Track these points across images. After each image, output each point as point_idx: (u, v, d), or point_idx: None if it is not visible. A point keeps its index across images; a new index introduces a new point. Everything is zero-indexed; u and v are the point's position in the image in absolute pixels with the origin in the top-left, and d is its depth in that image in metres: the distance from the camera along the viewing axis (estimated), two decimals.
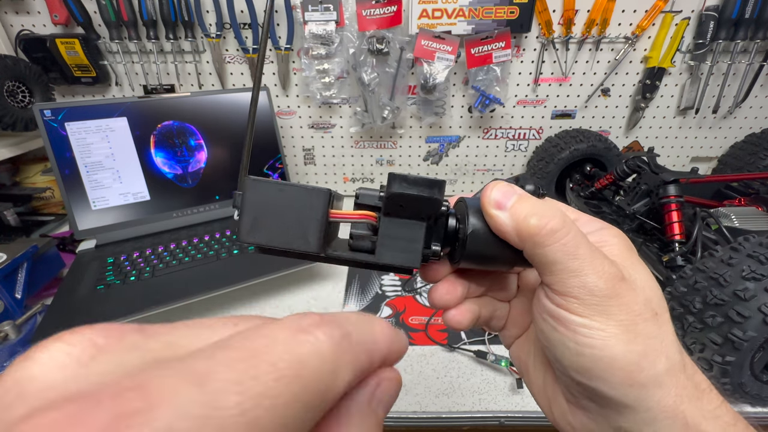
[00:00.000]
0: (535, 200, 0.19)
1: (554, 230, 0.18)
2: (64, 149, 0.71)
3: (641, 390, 0.18)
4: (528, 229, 0.18)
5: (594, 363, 0.18)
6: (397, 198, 0.19)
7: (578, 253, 0.18)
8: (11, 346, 0.54)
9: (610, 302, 0.18)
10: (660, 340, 0.18)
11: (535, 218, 0.18)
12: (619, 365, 0.18)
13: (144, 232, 0.76)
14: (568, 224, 0.18)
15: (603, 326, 0.18)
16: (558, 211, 0.19)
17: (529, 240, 0.19)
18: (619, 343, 0.17)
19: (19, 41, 0.81)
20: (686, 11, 0.81)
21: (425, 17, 0.79)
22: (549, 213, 0.18)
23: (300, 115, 0.93)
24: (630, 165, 0.71)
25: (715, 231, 0.59)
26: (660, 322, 0.19)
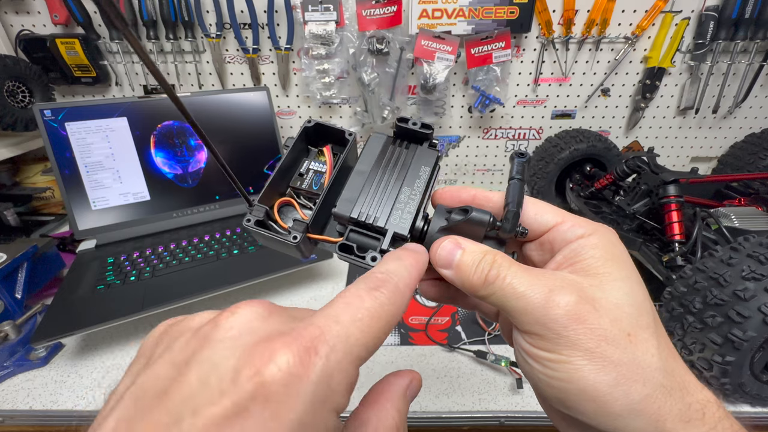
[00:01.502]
0: (477, 254, 0.20)
1: (490, 282, 0.19)
2: (64, 149, 0.71)
3: (617, 419, 0.17)
4: (471, 286, 0.20)
5: (565, 395, 0.18)
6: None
7: (518, 291, 0.18)
8: (11, 346, 0.54)
9: (569, 332, 0.17)
10: (634, 365, 0.17)
11: (475, 276, 0.20)
12: (589, 397, 0.17)
13: (144, 232, 0.76)
14: (502, 270, 0.19)
15: (569, 358, 0.17)
16: (494, 262, 0.19)
17: (476, 294, 0.20)
18: (587, 374, 0.17)
19: (19, 41, 0.81)
20: (686, 11, 0.81)
21: (425, 17, 0.79)
22: (486, 268, 0.19)
23: (300, 115, 0.93)
24: (630, 165, 0.71)
25: (715, 231, 0.59)
26: (635, 344, 0.17)
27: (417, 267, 0.19)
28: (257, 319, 0.15)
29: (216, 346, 0.13)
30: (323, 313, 0.15)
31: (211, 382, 0.12)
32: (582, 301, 0.18)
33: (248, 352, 0.13)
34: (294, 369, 0.13)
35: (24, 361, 0.53)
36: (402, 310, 0.17)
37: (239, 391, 0.12)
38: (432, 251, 0.22)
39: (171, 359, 0.14)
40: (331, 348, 0.14)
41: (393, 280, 0.17)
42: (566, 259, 0.20)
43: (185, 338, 0.15)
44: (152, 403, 0.12)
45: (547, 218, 0.22)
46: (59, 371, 0.53)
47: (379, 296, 0.16)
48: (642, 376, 0.17)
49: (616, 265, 0.19)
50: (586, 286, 0.18)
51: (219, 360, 0.13)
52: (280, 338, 0.13)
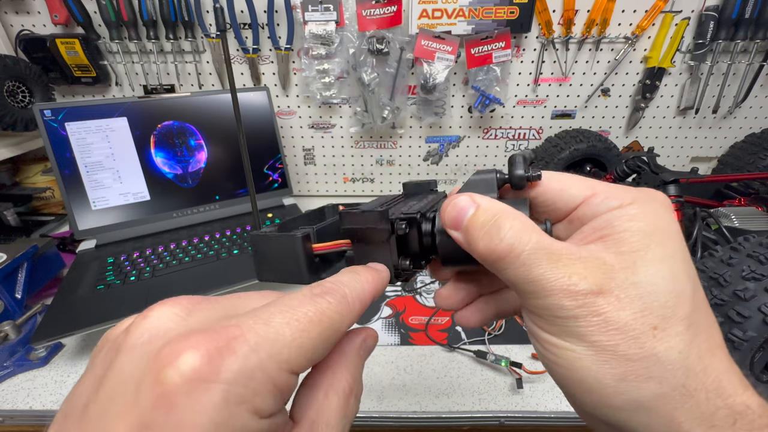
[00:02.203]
0: (491, 214, 0.17)
1: (501, 256, 0.16)
2: (64, 149, 0.71)
3: (620, 413, 0.15)
4: (479, 254, 0.17)
5: (565, 382, 0.17)
6: (348, 233, 0.22)
7: (532, 276, 0.16)
8: (11, 346, 0.54)
9: (579, 323, 0.15)
10: (651, 362, 0.15)
11: (483, 242, 0.17)
12: (588, 388, 0.16)
13: (144, 232, 0.76)
14: (519, 244, 0.16)
15: (572, 346, 0.16)
16: (510, 229, 0.16)
17: (484, 264, 0.18)
18: (591, 365, 0.15)
19: (19, 41, 0.81)
20: (686, 11, 0.81)
21: (425, 17, 0.79)
22: (498, 234, 0.16)
23: (300, 115, 0.93)
24: (630, 165, 0.71)
25: (715, 231, 0.59)
26: (660, 338, 0.15)
27: (372, 283, 0.18)
28: (172, 319, 0.14)
29: (125, 357, 0.13)
30: (254, 314, 0.14)
31: (118, 396, 0.12)
32: (603, 290, 0.15)
33: (153, 358, 0.12)
34: (199, 372, 0.12)
35: (24, 361, 0.53)
36: (347, 322, 0.16)
37: (143, 402, 0.11)
38: (442, 210, 0.19)
39: (93, 373, 0.13)
40: (252, 348, 0.13)
41: (341, 290, 0.16)
42: (595, 231, 0.17)
43: (105, 350, 0.14)
44: (75, 420, 0.12)
45: (574, 192, 0.19)
46: (59, 371, 0.53)
47: (321, 302, 0.15)
48: (659, 374, 0.15)
49: (657, 241, 0.16)
50: (617, 267, 0.16)
51: (127, 371, 0.12)
52: (189, 339, 0.12)
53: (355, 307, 0.17)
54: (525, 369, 0.50)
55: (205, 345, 0.12)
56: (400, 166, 1.00)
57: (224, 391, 0.12)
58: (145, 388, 0.12)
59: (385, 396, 0.49)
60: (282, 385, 0.13)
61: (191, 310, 0.15)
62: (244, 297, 0.17)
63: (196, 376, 0.12)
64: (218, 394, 0.12)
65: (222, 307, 0.16)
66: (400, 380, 0.51)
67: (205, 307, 0.15)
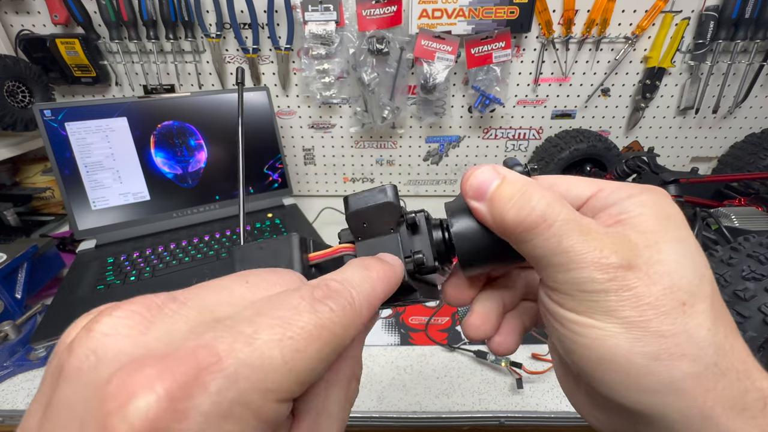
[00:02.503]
0: (519, 185, 0.17)
1: (532, 226, 0.16)
2: (64, 149, 0.71)
3: (654, 396, 0.14)
4: (504, 225, 0.17)
5: (593, 365, 0.15)
6: (355, 218, 0.19)
7: (563, 246, 0.15)
8: (11, 346, 0.54)
9: (609, 297, 0.15)
10: (683, 338, 0.14)
11: (512, 212, 0.16)
12: (621, 369, 0.15)
13: (144, 232, 0.76)
14: (551, 214, 0.16)
15: (601, 324, 0.15)
16: (541, 199, 0.16)
17: (509, 236, 0.17)
18: (622, 343, 0.15)
19: (19, 41, 0.81)
20: (686, 11, 0.81)
21: (425, 17, 0.79)
22: (529, 204, 0.16)
23: (300, 115, 0.93)
24: (630, 165, 0.71)
25: (715, 231, 0.59)
26: (689, 314, 0.15)
27: (384, 282, 0.16)
28: (127, 334, 0.11)
29: (68, 384, 0.10)
30: (235, 325, 0.11)
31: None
32: (633, 265, 0.15)
33: (99, 394, 0.09)
34: (155, 421, 0.09)
35: (24, 361, 0.53)
36: (352, 335, 0.14)
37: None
38: (464, 180, 0.18)
39: (42, 393, 0.11)
40: (229, 378, 0.10)
41: (348, 294, 0.14)
42: (610, 217, 0.17)
43: (51, 367, 0.11)
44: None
45: (580, 190, 0.19)
46: None
47: (322, 311, 0.13)
48: (692, 351, 0.14)
49: (672, 225, 0.16)
50: (641, 245, 0.15)
51: (70, 403, 0.10)
52: (144, 370, 0.09)
53: (362, 314, 0.14)
54: (525, 369, 0.50)
55: (165, 381, 0.09)
56: (400, 166, 1.00)
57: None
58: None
59: (385, 396, 0.49)
60: (269, 417, 0.11)
61: (152, 320, 0.11)
62: (217, 288, 0.14)
63: (152, 426, 0.09)
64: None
65: (196, 307, 0.12)
66: (400, 380, 0.51)
67: (172, 312, 0.12)
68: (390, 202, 0.19)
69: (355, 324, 0.14)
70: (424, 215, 0.20)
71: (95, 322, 0.11)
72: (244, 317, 0.12)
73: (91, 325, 0.11)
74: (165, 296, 0.12)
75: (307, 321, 0.12)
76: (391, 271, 0.17)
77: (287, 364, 0.11)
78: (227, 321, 0.12)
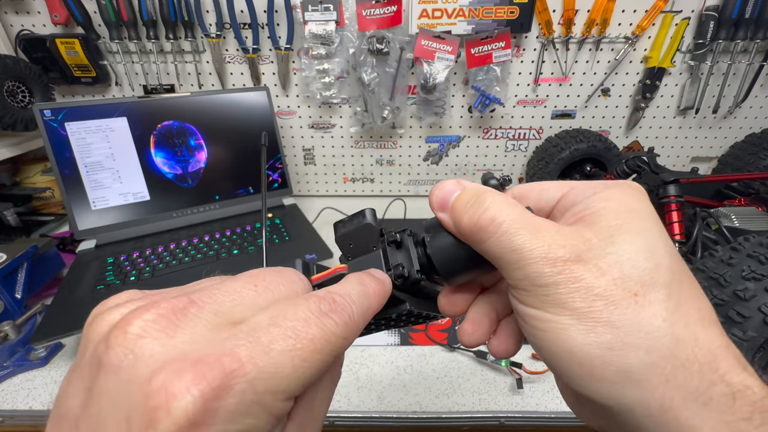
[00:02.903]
0: (474, 192, 0.18)
1: (484, 227, 0.17)
2: (64, 149, 0.71)
3: (612, 387, 0.15)
4: (462, 228, 0.18)
5: (555, 358, 0.16)
6: (343, 240, 0.22)
7: (514, 244, 0.16)
8: (11, 346, 0.54)
9: (559, 290, 0.15)
10: (635, 328, 0.14)
11: (466, 215, 0.18)
12: (577, 359, 0.15)
13: (144, 232, 0.76)
14: (500, 215, 0.17)
15: (556, 317, 0.15)
16: (492, 202, 0.17)
17: (468, 239, 0.18)
18: (575, 334, 0.15)
19: (19, 41, 0.81)
20: (686, 11, 0.81)
21: (425, 17, 0.79)
22: (481, 207, 0.17)
23: (300, 115, 0.93)
24: (630, 165, 0.71)
25: (715, 231, 0.59)
26: (641, 304, 0.15)
27: (377, 299, 0.18)
28: (157, 336, 0.12)
29: (111, 377, 0.12)
30: (253, 335, 0.13)
31: (109, 423, 0.11)
32: (582, 258, 0.15)
33: (142, 391, 0.11)
34: (195, 418, 0.11)
35: (24, 361, 0.53)
36: (348, 345, 0.15)
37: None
38: (431, 195, 0.20)
39: (81, 378, 0.13)
40: (250, 382, 0.12)
41: (349, 309, 0.15)
42: (573, 215, 0.18)
43: (89, 353, 0.13)
44: (67, 431, 0.12)
45: (551, 192, 0.20)
46: (59, 371, 0.53)
47: (328, 324, 0.14)
48: (646, 342, 0.14)
49: (633, 218, 0.16)
50: (594, 240, 0.16)
51: (114, 395, 0.12)
52: (182, 374, 0.11)
53: (359, 327, 0.16)
54: (525, 369, 0.50)
55: (199, 384, 0.11)
56: (400, 166, 1.00)
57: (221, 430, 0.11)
58: (136, 426, 0.11)
59: (385, 396, 0.49)
60: (278, 412, 0.13)
61: (177, 324, 0.13)
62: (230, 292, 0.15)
63: (190, 422, 0.11)
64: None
65: (213, 312, 0.14)
66: (400, 380, 0.51)
67: (193, 316, 0.13)
68: (367, 223, 0.21)
69: (352, 336, 0.15)
70: (407, 233, 0.22)
71: (128, 323, 0.13)
72: (260, 325, 0.13)
73: (125, 326, 0.13)
74: (185, 300, 0.14)
75: (314, 333, 0.14)
76: (382, 288, 0.18)
77: (296, 371, 0.13)
78: (244, 326, 0.13)
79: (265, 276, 0.16)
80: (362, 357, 0.54)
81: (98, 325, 0.14)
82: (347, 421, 0.48)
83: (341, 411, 0.47)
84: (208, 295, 0.14)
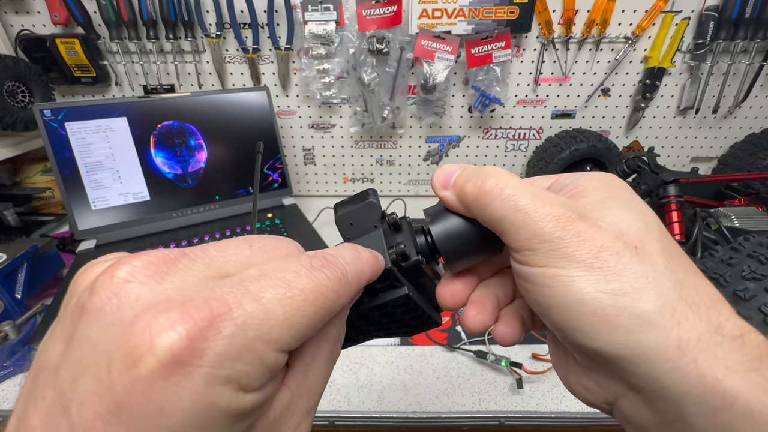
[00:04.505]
0: (475, 168, 0.19)
1: (488, 189, 0.18)
2: (64, 149, 0.71)
3: (626, 334, 0.15)
4: (466, 197, 0.19)
5: (564, 314, 0.16)
6: (343, 220, 0.22)
7: (518, 204, 0.17)
8: (11, 346, 0.54)
9: (565, 243, 0.16)
10: (642, 274, 0.15)
11: (470, 184, 0.19)
12: (589, 309, 0.15)
13: (144, 232, 0.76)
14: (502, 181, 0.18)
15: (564, 271, 0.16)
16: (493, 172, 0.18)
17: (473, 207, 0.19)
18: (585, 284, 0.15)
19: (19, 41, 0.81)
20: (686, 11, 0.81)
21: (425, 17, 0.79)
22: (483, 175, 0.18)
23: (300, 115, 0.93)
24: (630, 165, 0.71)
25: (715, 231, 0.59)
26: (643, 255, 0.16)
27: (370, 267, 0.18)
28: (144, 282, 0.12)
29: (93, 322, 0.11)
30: (242, 283, 0.13)
31: (90, 367, 0.11)
32: (582, 216, 0.16)
33: (125, 332, 0.11)
34: (179, 356, 0.10)
35: (24, 361, 0.53)
36: (342, 303, 0.15)
37: (117, 384, 0.10)
38: (433, 177, 0.21)
39: (62, 329, 0.12)
40: (239, 327, 0.11)
41: (342, 267, 0.15)
42: (564, 194, 0.19)
43: (73, 302, 0.12)
44: (46, 381, 0.11)
45: (539, 183, 0.21)
46: None
47: (319, 277, 0.14)
48: (654, 287, 0.15)
49: (618, 193, 0.18)
50: (588, 207, 0.17)
51: (96, 338, 0.11)
52: (166, 314, 0.11)
53: (352, 287, 0.16)
54: (525, 369, 0.50)
55: (185, 324, 0.11)
56: (400, 166, 1.00)
57: (207, 375, 0.11)
58: (117, 367, 0.10)
59: (385, 396, 0.49)
60: (271, 364, 0.12)
61: (167, 272, 0.13)
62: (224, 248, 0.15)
63: (175, 360, 0.10)
64: (200, 378, 0.11)
65: (205, 264, 0.14)
66: (400, 380, 0.51)
67: (183, 266, 0.13)
68: (370, 201, 0.21)
69: (345, 294, 0.15)
70: (406, 220, 0.23)
71: (115, 268, 0.12)
72: (250, 276, 0.13)
73: (112, 271, 0.12)
74: (177, 251, 0.14)
75: (306, 284, 0.13)
76: (374, 258, 0.18)
77: (288, 320, 0.13)
78: (234, 278, 0.13)
79: (261, 239, 0.16)
80: (362, 357, 0.54)
81: (83, 278, 0.13)
82: (347, 421, 0.48)
83: (341, 411, 0.47)
84: (201, 249, 0.14)
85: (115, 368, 0.10)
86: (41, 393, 0.11)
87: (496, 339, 0.22)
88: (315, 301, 0.13)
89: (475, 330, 0.21)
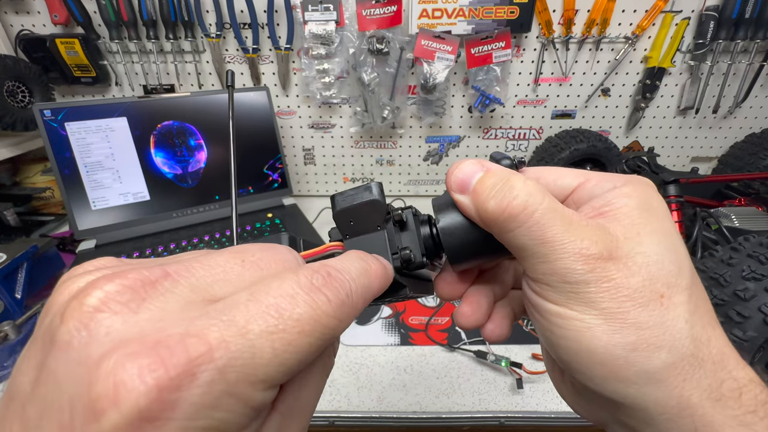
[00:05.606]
0: (502, 176, 0.17)
1: (514, 215, 0.16)
2: (64, 149, 0.71)
3: (632, 387, 0.15)
4: (487, 215, 0.17)
5: (573, 357, 0.16)
6: (342, 216, 0.19)
7: (546, 236, 0.15)
8: (11, 346, 0.54)
9: (589, 288, 0.15)
10: (661, 330, 0.15)
11: (494, 201, 0.16)
12: (599, 360, 0.15)
13: (144, 232, 0.76)
14: (533, 203, 0.16)
15: (581, 315, 0.15)
16: (523, 188, 0.16)
17: (493, 227, 0.17)
18: (600, 334, 0.15)
19: (19, 41, 0.81)
20: (686, 11, 0.81)
21: (425, 17, 0.79)
22: (510, 193, 0.16)
23: (300, 115, 0.93)
24: (630, 165, 0.71)
25: (715, 231, 0.59)
26: (667, 306, 0.15)
27: (378, 280, 0.16)
28: (119, 310, 0.11)
29: (60, 356, 0.10)
30: (228, 316, 0.11)
31: (53, 408, 0.10)
32: (613, 256, 0.15)
33: (89, 376, 0.09)
34: (147, 411, 0.09)
35: None
36: (344, 328, 0.13)
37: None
38: (449, 174, 0.18)
39: (35, 354, 0.11)
40: (219, 371, 0.10)
41: (347, 285, 0.13)
42: (593, 209, 0.17)
43: (46, 324, 0.11)
44: (15, 414, 0.11)
45: (567, 180, 0.19)
46: None
47: (319, 302, 0.12)
48: (669, 342, 0.14)
49: (655, 217, 0.16)
50: (622, 238, 0.15)
51: (61, 376, 0.10)
52: (136, 358, 0.09)
53: (357, 308, 0.14)
54: (525, 369, 0.50)
55: (155, 371, 0.09)
56: (400, 166, 1.00)
57: (180, 428, 0.10)
58: (79, 417, 0.09)
59: (385, 396, 0.49)
60: (256, 404, 0.11)
61: (144, 298, 0.11)
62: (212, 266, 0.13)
63: (141, 416, 0.09)
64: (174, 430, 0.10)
65: (189, 285, 0.12)
66: (400, 380, 0.51)
67: (165, 290, 0.12)
68: (375, 199, 0.19)
69: (348, 318, 0.13)
70: (411, 212, 0.20)
71: (86, 294, 0.11)
72: (238, 302, 0.11)
73: (83, 297, 0.11)
74: (159, 271, 0.12)
75: (302, 312, 0.12)
76: (384, 269, 0.17)
77: (277, 358, 0.11)
78: (219, 305, 0.11)
79: (254, 251, 0.14)
80: (362, 357, 0.54)
81: (60, 293, 0.12)
82: (347, 421, 0.48)
83: (341, 411, 0.47)
84: (186, 268, 0.12)
85: (77, 418, 0.09)
86: (9, 425, 0.10)
87: (484, 336, 0.22)
88: (311, 332, 0.12)
89: (466, 327, 0.21)
